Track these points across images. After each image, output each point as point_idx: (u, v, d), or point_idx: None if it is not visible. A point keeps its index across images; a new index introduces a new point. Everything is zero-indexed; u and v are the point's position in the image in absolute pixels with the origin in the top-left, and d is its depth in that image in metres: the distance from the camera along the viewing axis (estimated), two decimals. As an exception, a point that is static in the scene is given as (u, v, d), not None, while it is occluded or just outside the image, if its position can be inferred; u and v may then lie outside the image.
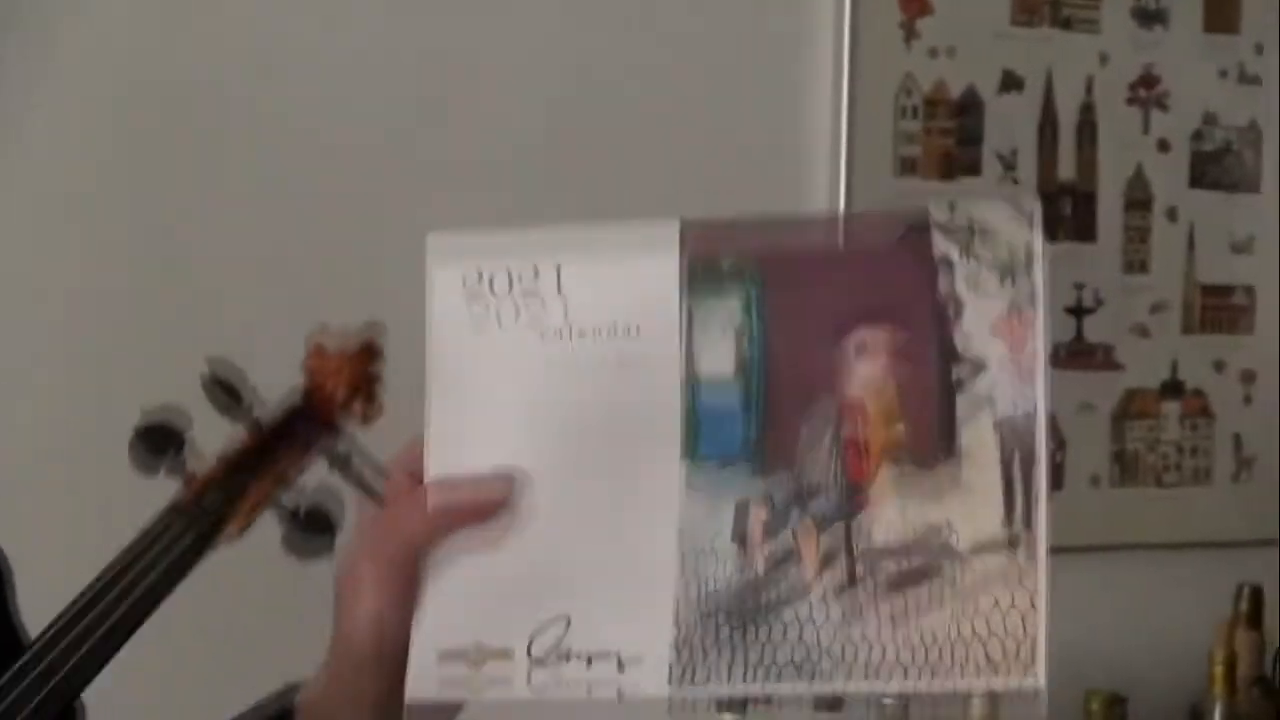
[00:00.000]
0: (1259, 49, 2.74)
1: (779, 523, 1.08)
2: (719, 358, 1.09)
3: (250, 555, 1.28)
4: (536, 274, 1.13)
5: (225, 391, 1.26)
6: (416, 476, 1.12)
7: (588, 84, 2.48)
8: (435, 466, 1.10)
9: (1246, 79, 2.75)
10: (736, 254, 1.11)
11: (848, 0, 2.47)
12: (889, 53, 2.53)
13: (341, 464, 1.27)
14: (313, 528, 1.26)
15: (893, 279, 1.08)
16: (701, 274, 1.12)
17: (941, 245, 1.06)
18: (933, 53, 2.54)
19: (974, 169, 2.59)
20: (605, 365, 1.12)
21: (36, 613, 1.23)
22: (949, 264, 1.05)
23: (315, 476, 1.29)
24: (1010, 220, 1.07)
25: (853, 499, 1.07)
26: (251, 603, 1.89)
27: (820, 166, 2.53)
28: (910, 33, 2.53)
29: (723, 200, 2.39)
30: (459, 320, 1.13)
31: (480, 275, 1.14)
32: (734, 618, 1.06)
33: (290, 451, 1.26)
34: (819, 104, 2.54)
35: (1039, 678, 1.03)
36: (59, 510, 1.98)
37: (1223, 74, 2.73)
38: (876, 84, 2.52)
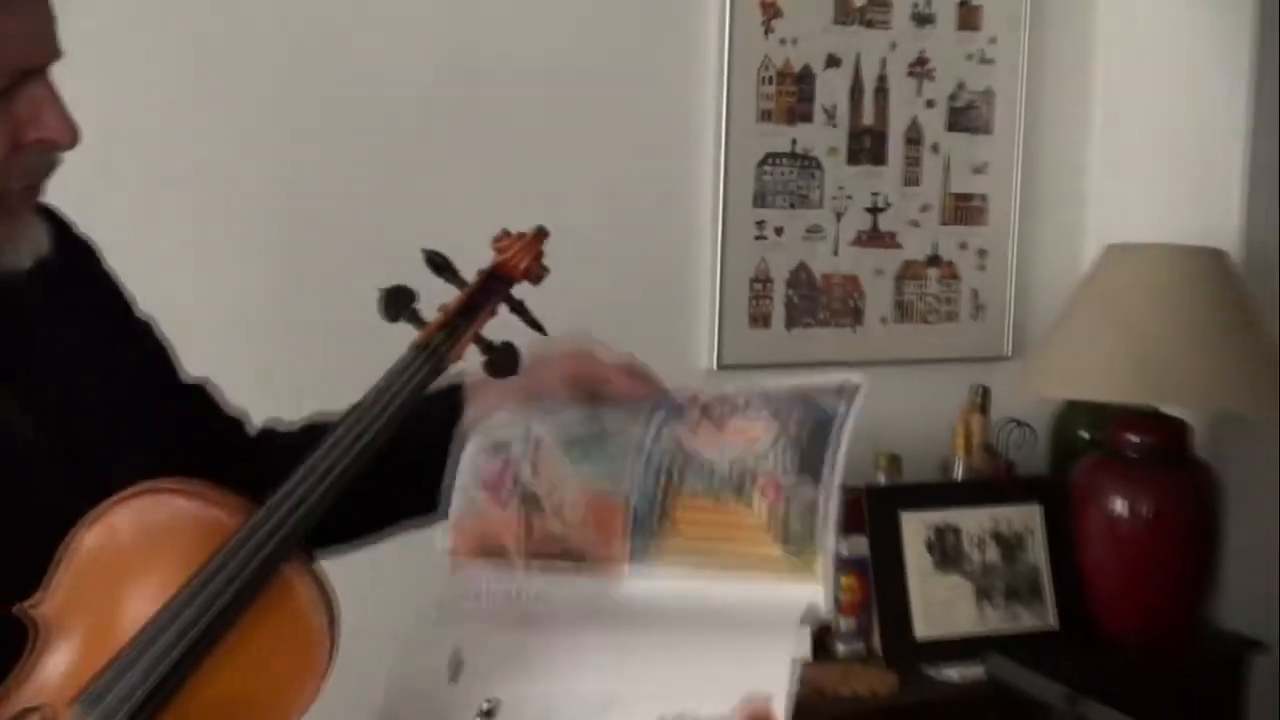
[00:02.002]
0: (993, 41, 3.36)
1: None
2: None
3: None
4: None
5: (439, 264, 1.44)
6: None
7: (507, 49, 2.88)
8: None
9: (985, 60, 3.36)
10: None
11: (727, 6, 3.02)
12: (753, 42, 3.07)
13: (518, 309, 1.48)
14: (504, 355, 1.44)
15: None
16: None
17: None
18: (782, 42, 3.10)
19: (808, 118, 3.14)
20: None
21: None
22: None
23: (501, 318, 1.48)
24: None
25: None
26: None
27: (708, 117, 3.06)
28: (768, 29, 3.08)
29: (635, 139, 2.92)
30: None
31: None
32: None
33: (487, 303, 1.44)
34: (708, 75, 3.06)
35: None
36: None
37: (969, 57, 3.35)
38: (745, 62, 3.06)
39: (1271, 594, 3.28)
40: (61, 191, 1.41)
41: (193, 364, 1.67)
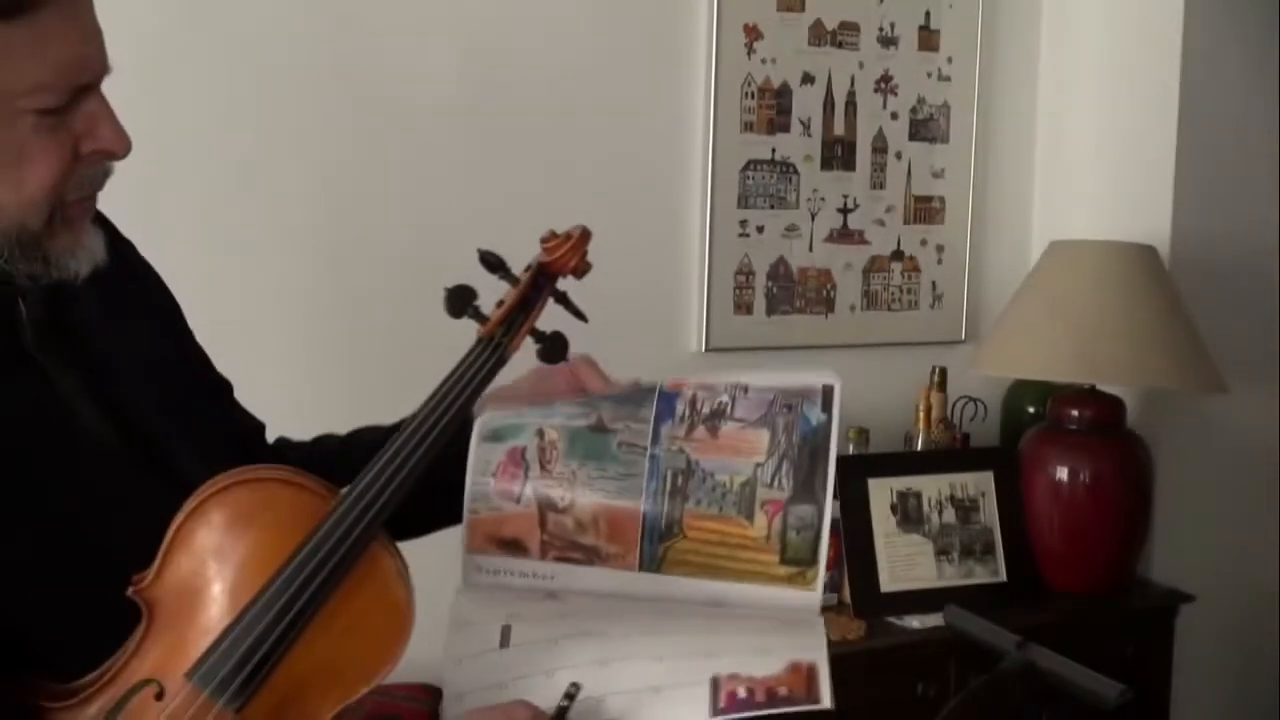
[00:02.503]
0: (950, 60, 3.39)
1: None
2: None
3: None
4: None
5: (492, 263, 1.41)
6: None
7: (518, 56, 2.89)
8: None
9: (943, 78, 3.39)
10: None
11: (714, 29, 3.05)
12: (737, 61, 3.12)
13: (564, 301, 1.46)
14: (555, 343, 1.44)
15: None
16: None
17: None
18: (763, 61, 3.14)
19: (786, 129, 3.18)
20: None
21: (411, 401, 1.40)
22: None
23: (550, 310, 1.46)
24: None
25: None
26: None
27: (697, 128, 3.10)
28: (750, 49, 3.12)
29: (632, 147, 2.95)
30: None
31: None
32: None
33: (539, 298, 1.43)
34: (697, 91, 3.09)
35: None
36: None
37: (929, 75, 3.38)
38: (730, 79, 3.11)
39: (1197, 550, 3.38)
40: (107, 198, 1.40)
41: (238, 363, 1.64)
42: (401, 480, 1.32)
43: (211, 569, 1.26)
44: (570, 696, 1.27)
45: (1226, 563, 3.45)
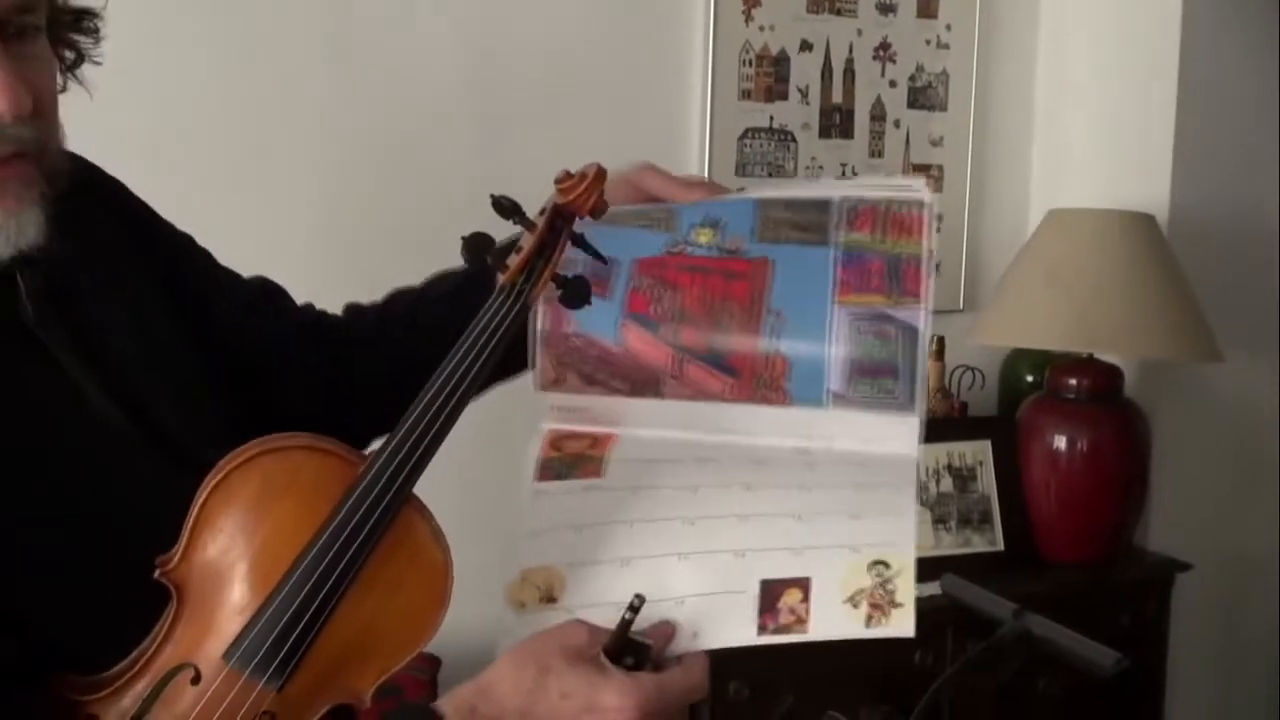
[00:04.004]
0: (949, 28, 3.38)
1: None
2: None
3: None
4: None
5: (507, 207, 1.33)
6: None
7: (520, 38, 2.92)
8: None
9: (941, 46, 3.38)
10: None
11: None
12: (735, 28, 3.10)
13: (581, 243, 1.39)
14: (577, 286, 1.37)
15: None
16: None
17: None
18: (761, 28, 3.12)
19: (784, 97, 3.16)
20: None
21: None
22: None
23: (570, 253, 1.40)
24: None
25: None
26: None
27: (695, 96, 3.09)
28: (748, 17, 3.11)
29: (631, 115, 2.94)
30: None
31: None
32: None
33: (558, 241, 1.36)
34: (694, 59, 3.08)
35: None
36: None
37: (927, 42, 3.37)
38: (728, 47, 3.09)
39: (1194, 519, 3.38)
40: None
41: None
42: (433, 438, 1.26)
43: (240, 544, 1.21)
44: (634, 609, 1.20)
45: (1223, 532, 3.46)
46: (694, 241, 1.40)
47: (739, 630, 1.24)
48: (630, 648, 1.21)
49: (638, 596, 1.21)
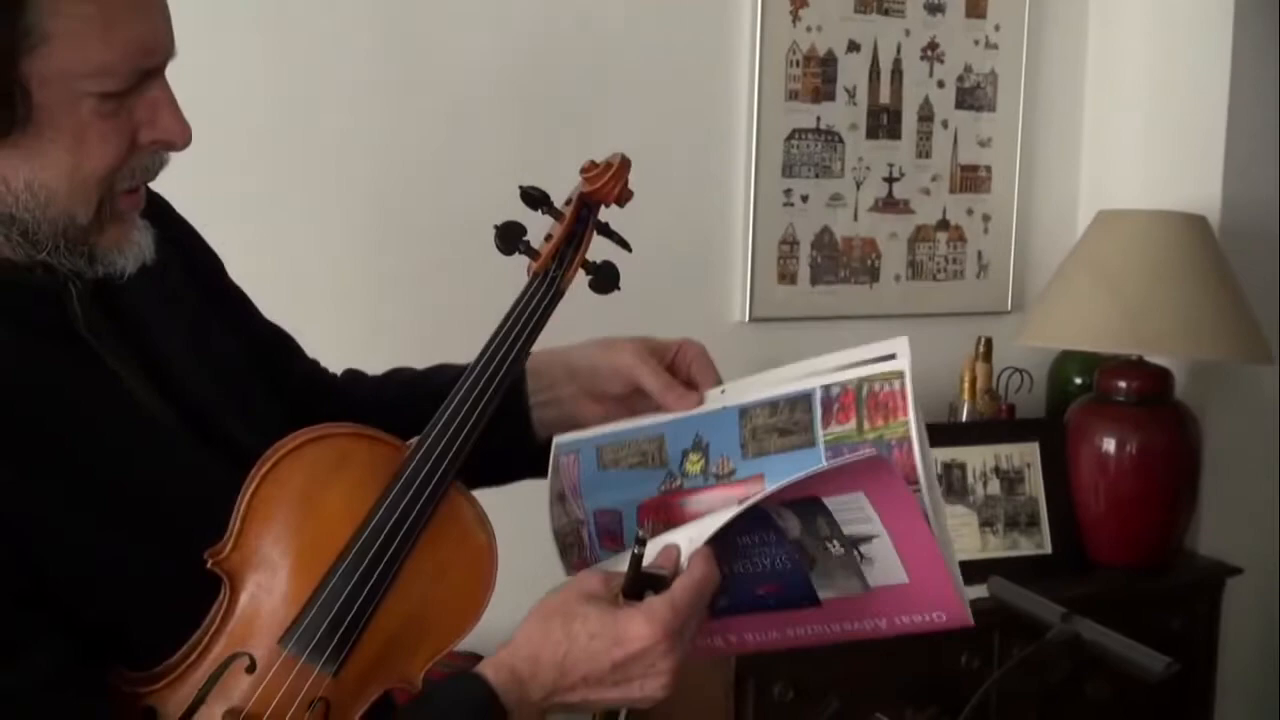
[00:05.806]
0: (997, 28, 3.36)
1: None
2: None
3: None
4: None
5: (536, 197, 1.40)
6: None
7: (585, 31, 2.93)
8: None
9: (990, 46, 3.37)
10: None
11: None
12: (782, 29, 3.10)
13: (606, 231, 1.44)
14: (605, 273, 1.44)
15: None
16: None
17: None
18: (808, 29, 3.12)
19: (831, 97, 3.16)
20: None
21: (473, 342, 1.38)
22: None
23: (595, 240, 1.46)
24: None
25: None
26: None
27: (742, 97, 3.08)
28: (795, 18, 3.10)
29: (677, 116, 2.97)
30: None
31: None
32: None
33: (586, 229, 1.42)
34: (742, 60, 3.08)
35: None
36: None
37: (976, 42, 3.35)
38: (775, 47, 3.09)
39: (1245, 523, 3.35)
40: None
41: (306, 322, 1.66)
42: (475, 422, 1.30)
43: (290, 531, 1.23)
44: (641, 542, 1.24)
45: (1275, 536, 3.41)
46: (687, 474, 1.41)
47: (721, 516, 1.26)
48: (647, 581, 1.25)
49: (641, 529, 1.26)
